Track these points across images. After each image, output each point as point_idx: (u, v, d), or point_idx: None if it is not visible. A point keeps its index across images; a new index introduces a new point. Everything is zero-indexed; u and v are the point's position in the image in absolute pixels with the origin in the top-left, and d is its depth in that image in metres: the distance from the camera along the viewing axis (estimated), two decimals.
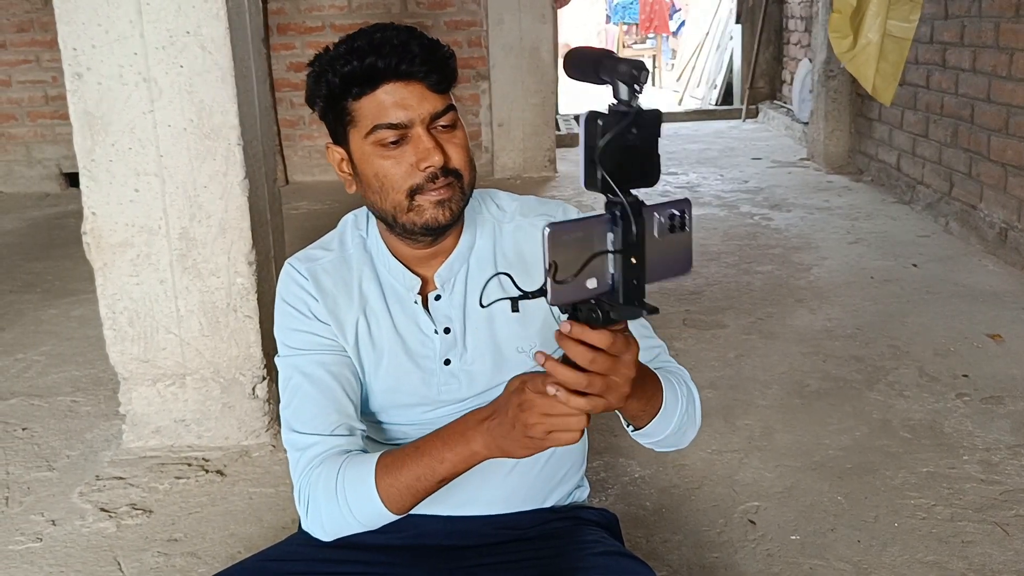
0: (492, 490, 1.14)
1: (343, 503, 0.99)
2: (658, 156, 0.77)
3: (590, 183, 0.75)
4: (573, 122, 7.46)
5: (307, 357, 1.08)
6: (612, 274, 0.76)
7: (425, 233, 1.05)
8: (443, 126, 1.02)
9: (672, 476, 2.01)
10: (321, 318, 1.09)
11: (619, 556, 1.09)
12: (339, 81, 1.00)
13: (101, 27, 1.91)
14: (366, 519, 1.00)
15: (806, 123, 6.21)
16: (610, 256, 0.75)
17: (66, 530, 1.87)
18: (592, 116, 0.75)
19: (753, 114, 7.83)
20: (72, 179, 5.58)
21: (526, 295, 0.80)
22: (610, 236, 0.75)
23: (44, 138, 5.52)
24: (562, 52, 9.74)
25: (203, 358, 2.14)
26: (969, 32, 3.81)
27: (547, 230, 0.72)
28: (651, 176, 0.77)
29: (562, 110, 7.87)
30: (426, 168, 1.01)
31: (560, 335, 0.80)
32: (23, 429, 2.35)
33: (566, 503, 1.21)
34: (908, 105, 4.44)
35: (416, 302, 1.10)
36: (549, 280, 0.73)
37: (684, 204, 0.78)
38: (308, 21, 5.49)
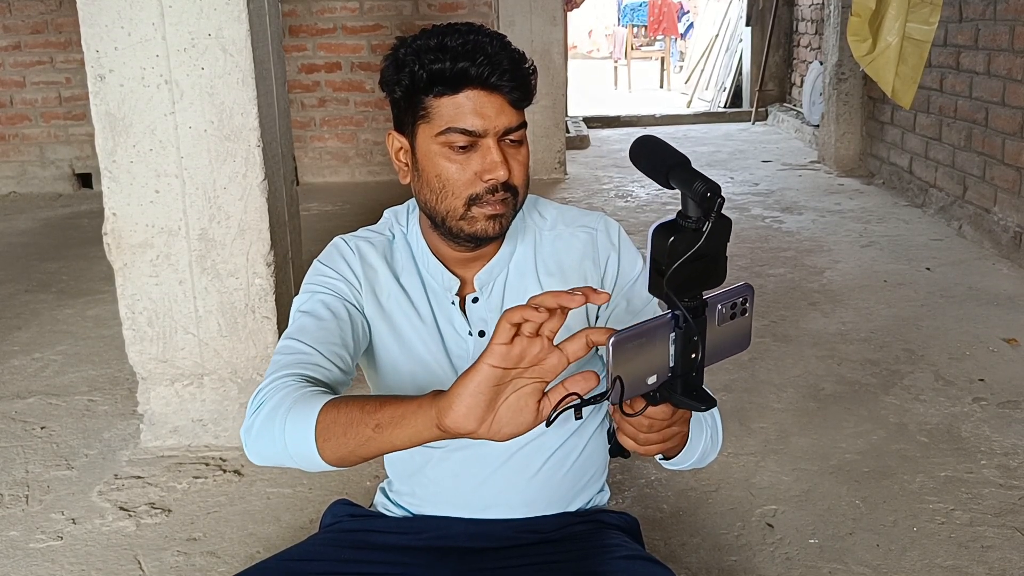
0: (516, 494, 1.15)
1: (280, 428, 0.91)
2: (725, 258, 0.76)
3: (654, 291, 0.74)
4: (582, 124, 7.47)
5: (329, 295, 1.09)
6: (672, 367, 0.76)
7: (469, 241, 1.06)
8: (512, 141, 1.03)
9: (688, 479, 2.01)
10: (352, 282, 1.10)
11: (642, 560, 1.10)
12: (426, 76, 0.99)
13: (124, 29, 1.92)
14: (297, 454, 0.90)
15: (816, 126, 6.20)
16: (671, 352, 0.75)
17: (86, 529, 1.89)
18: (662, 231, 0.73)
19: (762, 117, 7.83)
20: (84, 180, 5.61)
21: (589, 401, 0.79)
22: (672, 336, 0.74)
23: (57, 139, 5.55)
24: (570, 53, 9.73)
25: (221, 358, 2.15)
26: (984, 35, 3.80)
27: (611, 343, 0.71)
28: (717, 278, 0.76)
29: (571, 112, 7.88)
30: (489, 180, 1.01)
31: (616, 410, 0.81)
32: (41, 428, 2.36)
33: (587, 507, 1.22)
34: (921, 108, 4.43)
35: (453, 303, 1.11)
36: (611, 389, 0.72)
37: (747, 291, 0.77)
38: (320, 23, 5.51)
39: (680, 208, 0.75)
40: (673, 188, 0.77)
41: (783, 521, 1.85)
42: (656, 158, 0.80)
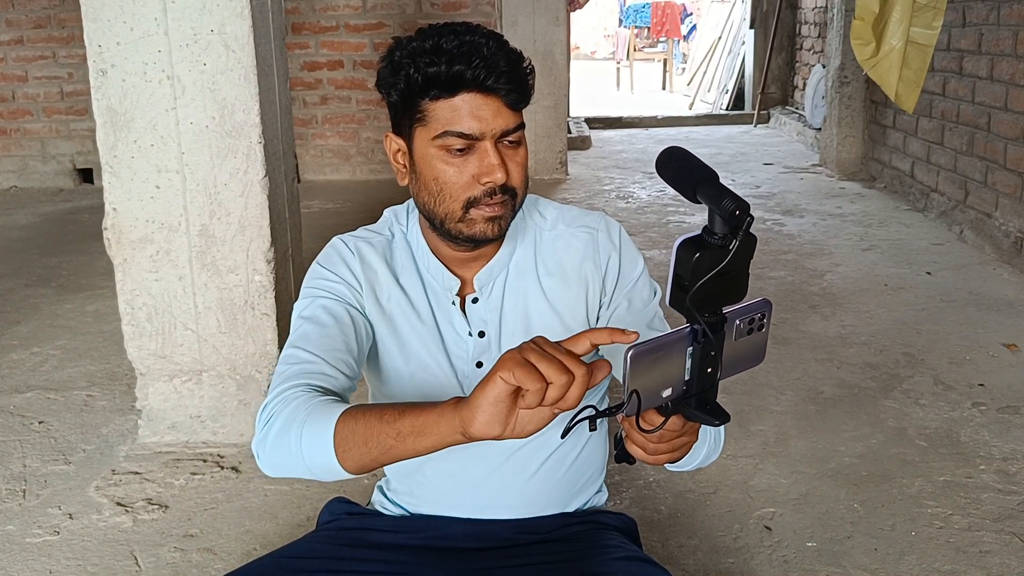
0: (514, 495, 1.14)
1: (296, 440, 0.91)
2: (747, 275, 0.75)
3: (675, 305, 0.74)
4: (584, 125, 7.47)
5: (330, 299, 1.08)
6: (687, 381, 0.75)
7: (468, 242, 1.05)
8: (510, 142, 1.02)
9: (687, 481, 2.01)
10: (352, 284, 1.09)
11: (639, 561, 1.09)
12: (421, 79, 0.98)
13: (126, 24, 1.92)
14: (316, 465, 0.90)
15: (818, 129, 6.20)
16: (687, 366, 0.74)
17: (83, 524, 1.88)
18: (687, 247, 0.72)
19: (765, 119, 7.82)
20: (85, 175, 5.61)
21: (603, 413, 0.79)
22: (689, 351, 0.74)
23: (59, 134, 5.54)
24: (573, 54, 9.70)
25: (220, 355, 2.14)
26: (987, 40, 3.79)
27: (629, 356, 0.70)
28: (739, 294, 0.76)
29: (573, 112, 7.87)
30: (486, 183, 1.00)
31: (628, 420, 0.80)
32: (39, 423, 2.36)
33: (585, 508, 1.21)
34: (923, 112, 4.43)
35: (454, 303, 1.11)
36: (627, 402, 0.72)
37: (765, 307, 0.77)
38: (323, 21, 5.51)
39: (706, 223, 0.74)
40: (700, 203, 0.77)
41: (781, 524, 1.84)
42: (684, 171, 0.80)
